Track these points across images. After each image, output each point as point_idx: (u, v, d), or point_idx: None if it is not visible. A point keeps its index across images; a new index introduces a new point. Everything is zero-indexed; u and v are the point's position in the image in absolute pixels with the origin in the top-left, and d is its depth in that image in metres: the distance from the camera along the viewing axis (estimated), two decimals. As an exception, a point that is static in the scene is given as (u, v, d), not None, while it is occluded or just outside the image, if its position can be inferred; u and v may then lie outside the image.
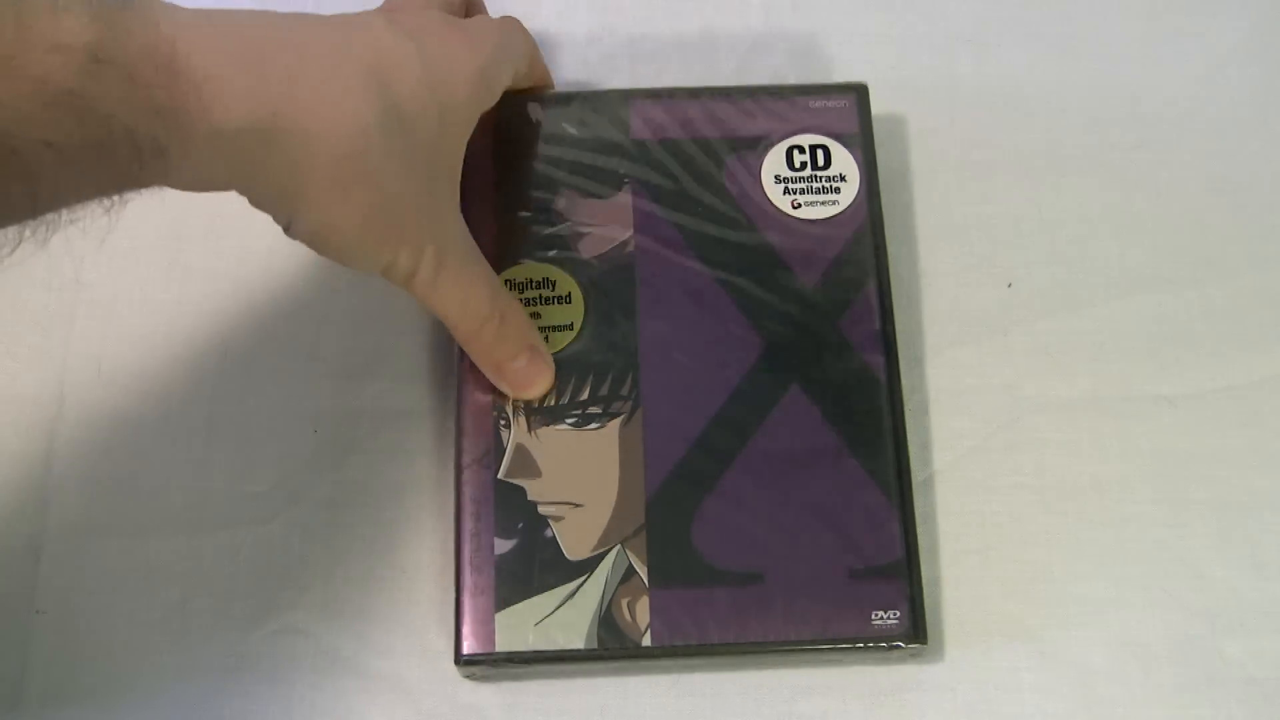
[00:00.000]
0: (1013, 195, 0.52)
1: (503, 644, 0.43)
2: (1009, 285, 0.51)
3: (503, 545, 0.43)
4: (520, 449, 0.45)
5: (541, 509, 0.44)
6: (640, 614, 0.43)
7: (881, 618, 0.43)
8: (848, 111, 0.49)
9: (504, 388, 0.45)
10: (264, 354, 0.49)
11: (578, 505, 0.44)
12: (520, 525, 0.44)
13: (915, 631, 0.43)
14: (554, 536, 0.44)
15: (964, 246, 0.51)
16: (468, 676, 0.44)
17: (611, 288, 0.47)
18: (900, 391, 0.46)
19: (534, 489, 0.44)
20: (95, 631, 0.46)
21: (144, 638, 0.45)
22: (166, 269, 0.50)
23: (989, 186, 0.52)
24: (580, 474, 0.44)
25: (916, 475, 0.46)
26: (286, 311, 0.50)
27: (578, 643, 0.43)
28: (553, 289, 0.47)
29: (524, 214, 0.48)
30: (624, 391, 0.45)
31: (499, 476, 0.44)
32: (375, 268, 0.40)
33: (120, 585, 0.46)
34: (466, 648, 0.43)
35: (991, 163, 0.53)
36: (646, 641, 0.43)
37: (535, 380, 0.45)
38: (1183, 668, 0.45)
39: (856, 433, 0.45)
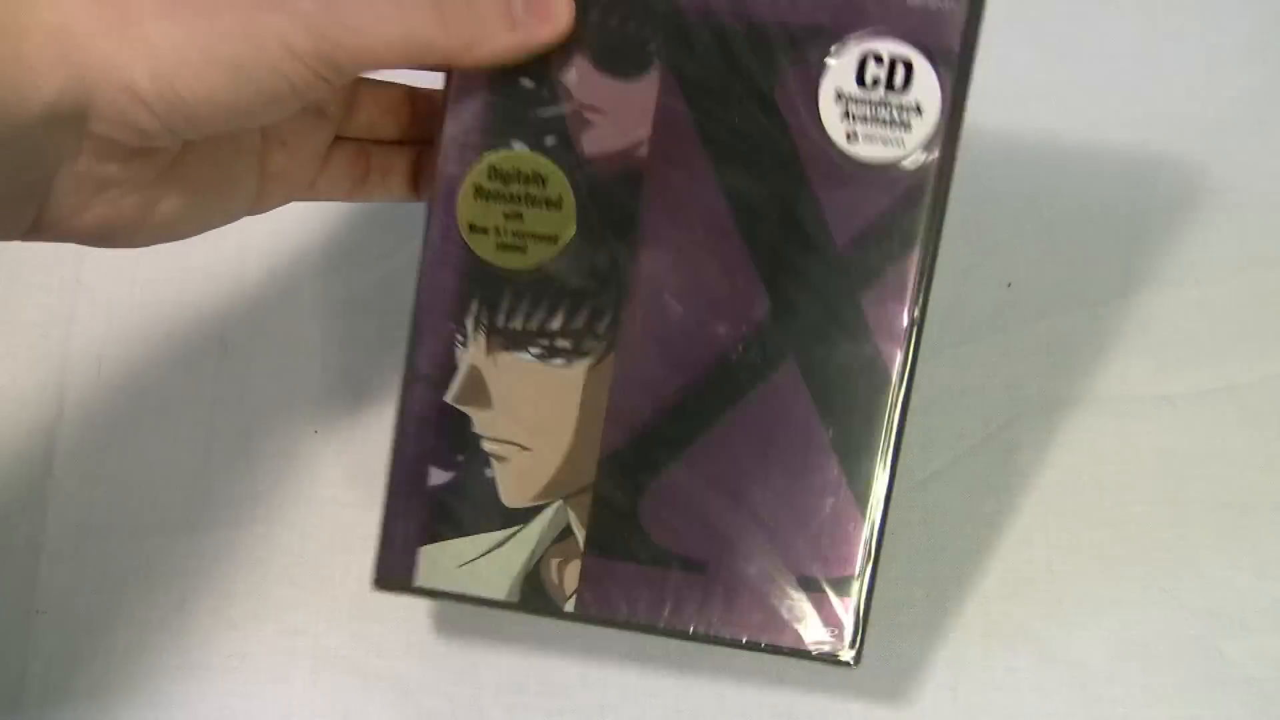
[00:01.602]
0: (1013, 195, 0.52)
1: (423, 579, 0.40)
2: (1009, 285, 0.51)
3: (438, 475, 0.40)
4: (474, 372, 0.40)
5: (485, 444, 0.40)
6: (569, 578, 0.40)
7: (820, 632, 0.40)
8: (952, 17, 0.39)
9: (541, 38, 0.37)
10: (264, 354, 0.49)
11: (525, 448, 0.40)
12: (460, 458, 0.40)
13: (852, 652, 0.40)
14: (493, 477, 0.40)
15: (964, 246, 0.51)
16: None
17: (610, 199, 0.39)
18: (909, 394, 0.40)
19: (481, 421, 0.40)
20: (95, 631, 0.46)
21: (144, 638, 0.45)
22: (166, 269, 0.51)
23: (990, 187, 0.52)
24: (534, 413, 0.40)
25: (916, 475, 0.46)
26: (286, 310, 0.50)
27: (499, 594, 0.40)
28: (542, 187, 0.39)
29: (525, 81, 0.39)
30: (600, 329, 0.39)
31: (446, 399, 0.40)
32: (284, 63, 0.33)
33: (120, 585, 0.46)
34: (386, 574, 0.40)
35: (992, 162, 0.53)
36: (569, 608, 0.40)
37: (551, 2, 0.37)
38: (1183, 668, 0.45)
39: (847, 430, 0.40)
